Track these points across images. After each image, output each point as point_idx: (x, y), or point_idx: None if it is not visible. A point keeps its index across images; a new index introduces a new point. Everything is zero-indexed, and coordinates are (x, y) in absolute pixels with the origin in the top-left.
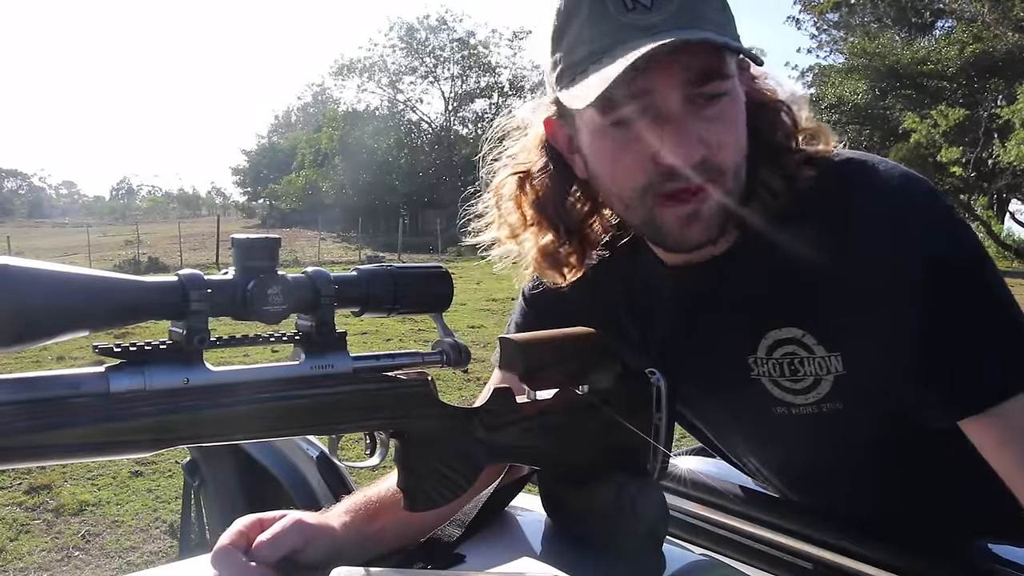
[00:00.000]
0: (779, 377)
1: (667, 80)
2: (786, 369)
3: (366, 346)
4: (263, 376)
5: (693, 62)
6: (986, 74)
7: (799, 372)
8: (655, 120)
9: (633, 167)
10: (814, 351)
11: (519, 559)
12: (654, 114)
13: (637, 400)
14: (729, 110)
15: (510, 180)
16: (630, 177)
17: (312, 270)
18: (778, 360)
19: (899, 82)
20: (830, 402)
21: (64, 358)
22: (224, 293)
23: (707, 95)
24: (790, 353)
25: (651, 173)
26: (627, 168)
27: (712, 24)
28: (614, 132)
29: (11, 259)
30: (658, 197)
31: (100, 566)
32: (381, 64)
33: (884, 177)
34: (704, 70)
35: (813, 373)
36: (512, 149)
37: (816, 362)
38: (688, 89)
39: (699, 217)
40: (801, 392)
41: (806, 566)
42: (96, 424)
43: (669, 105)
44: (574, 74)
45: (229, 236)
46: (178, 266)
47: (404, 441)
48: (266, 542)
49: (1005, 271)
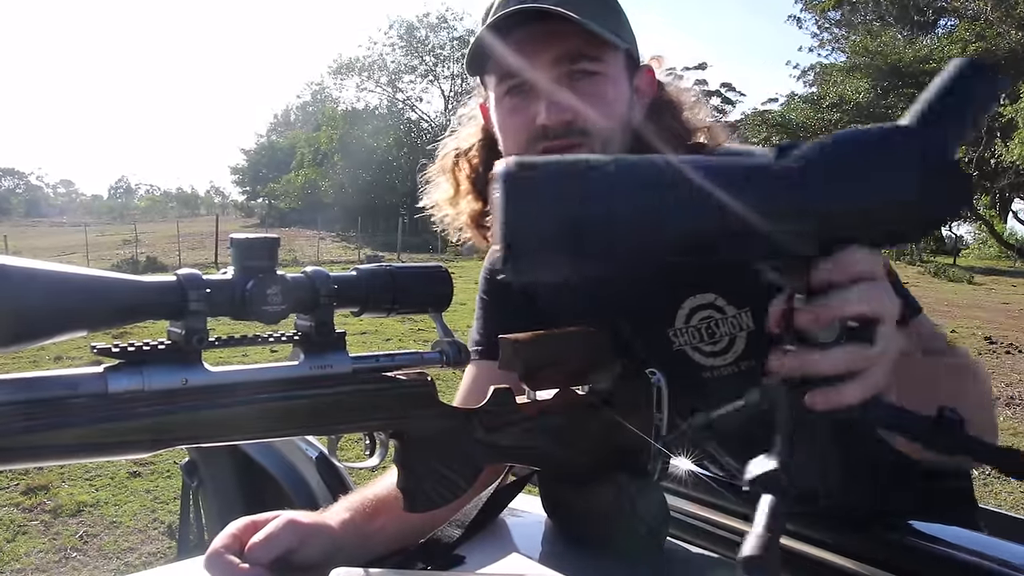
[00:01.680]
0: (699, 343)
1: (543, 56)
2: (704, 334)
3: (366, 346)
4: (262, 376)
5: (563, 43)
6: None
7: (716, 334)
8: (533, 88)
9: (519, 127)
10: (726, 311)
11: (519, 560)
12: (534, 84)
13: (637, 400)
14: (600, 87)
15: (450, 155)
16: (517, 134)
17: (311, 270)
18: (696, 326)
19: (901, 80)
20: (746, 360)
21: (62, 358)
22: (223, 293)
23: (578, 72)
24: (706, 317)
25: (531, 131)
26: (515, 127)
27: (586, 14)
28: (507, 100)
29: (9, 259)
30: (539, 153)
31: (98, 567)
32: (380, 63)
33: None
34: (575, 52)
35: (728, 333)
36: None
37: (729, 322)
38: (563, 66)
39: None
40: (720, 353)
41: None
42: (94, 425)
43: (544, 76)
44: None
45: (228, 236)
46: (176, 266)
47: (404, 441)
48: (259, 544)
49: (1008, 270)
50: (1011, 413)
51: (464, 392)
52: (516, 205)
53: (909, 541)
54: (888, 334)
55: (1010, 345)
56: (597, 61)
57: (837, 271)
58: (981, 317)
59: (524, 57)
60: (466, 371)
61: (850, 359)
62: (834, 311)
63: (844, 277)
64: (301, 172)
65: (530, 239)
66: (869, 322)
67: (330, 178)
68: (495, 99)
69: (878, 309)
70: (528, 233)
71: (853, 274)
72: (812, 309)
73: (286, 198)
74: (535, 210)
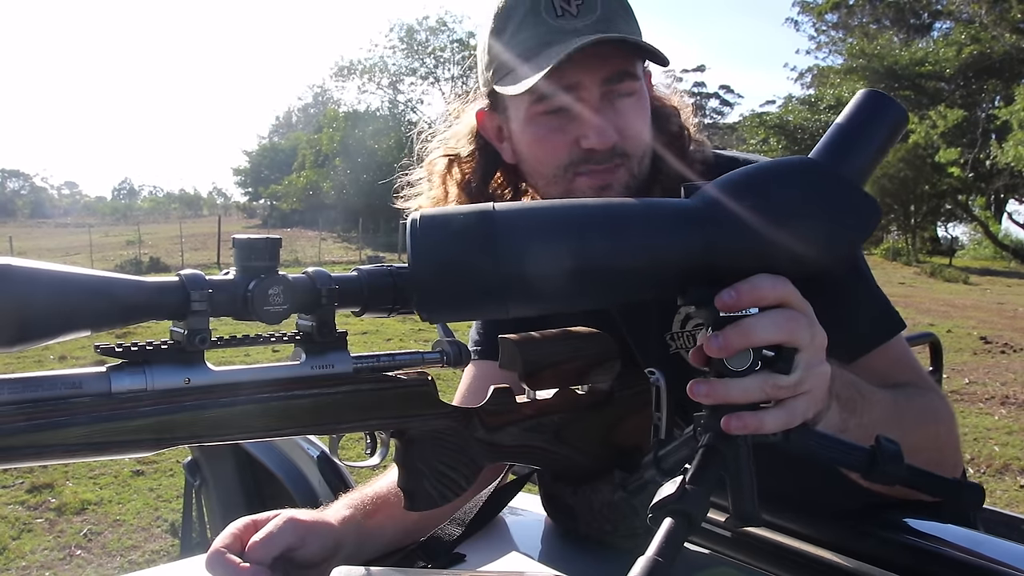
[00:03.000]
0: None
1: (590, 77)
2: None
3: (366, 346)
4: (264, 376)
5: (609, 63)
6: (984, 75)
7: None
8: (579, 110)
9: (559, 148)
10: None
11: (519, 558)
12: (578, 105)
13: (637, 400)
14: (638, 106)
15: (440, 160)
16: (555, 156)
17: (313, 270)
18: (691, 332)
19: (897, 83)
20: None
21: (66, 358)
22: (225, 293)
23: (621, 92)
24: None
25: (573, 153)
26: (553, 148)
27: (628, 27)
28: (544, 119)
29: (13, 259)
30: (579, 175)
31: (102, 565)
32: (381, 65)
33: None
34: (618, 71)
35: None
36: (445, 133)
37: None
38: (606, 86)
39: (610, 189)
40: None
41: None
42: (97, 424)
43: (591, 98)
44: (509, 69)
45: (230, 236)
46: (179, 266)
47: (404, 441)
48: (259, 542)
49: (1003, 271)
50: (1006, 412)
51: (464, 391)
52: (423, 255)
53: (907, 539)
54: (808, 362)
55: (1005, 345)
56: (635, 79)
57: (740, 299)
58: (976, 317)
59: (570, 79)
60: (466, 371)
61: (762, 388)
62: (738, 339)
63: (748, 305)
64: (303, 173)
65: (438, 289)
66: (785, 350)
67: (331, 179)
68: (525, 117)
69: (791, 337)
70: (435, 283)
71: (756, 299)
72: (719, 336)
73: (288, 199)
74: (442, 261)
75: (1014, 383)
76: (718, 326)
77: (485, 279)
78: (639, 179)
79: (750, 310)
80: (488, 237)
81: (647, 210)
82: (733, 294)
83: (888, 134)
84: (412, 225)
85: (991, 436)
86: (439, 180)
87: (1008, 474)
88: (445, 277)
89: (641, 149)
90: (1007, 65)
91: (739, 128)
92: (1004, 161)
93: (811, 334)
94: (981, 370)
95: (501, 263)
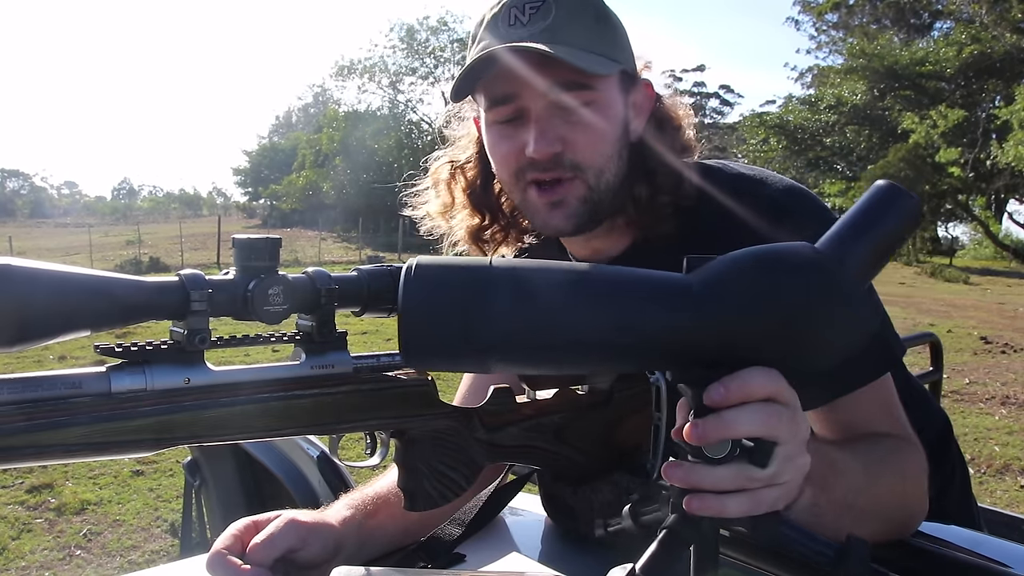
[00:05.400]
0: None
1: (536, 85)
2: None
3: (366, 346)
4: (264, 376)
5: (556, 73)
6: (984, 75)
7: None
8: (524, 119)
9: (508, 156)
10: None
11: (518, 559)
12: (524, 114)
13: (637, 400)
14: (593, 117)
15: (444, 167)
16: (506, 164)
17: (313, 270)
18: None
19: (898, 83)
20: None
21: (66, 358)
22: (225, 293)
23: (573, 102)
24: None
25: (520, 161)
26: (503, 156)
27: (577, 44)
28: (497, 127)
29: (13, 259)
30: (529, 184)
31: (101, 565)
32: (381, 65)
33: (771, 187)
34: (567, 82)
35: None
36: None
37: None
38: (554, 95)
39: (564, 205)
40: None
41: None
42: (97, 423)
43: (535, 107)
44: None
45: (230, 236)
46: (179, 266)
47: (404, 441)
48: (260, 544)
49: (1003, 271)
50: (1006, 412)
51: (464, 391)
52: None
53: (908, 539)
54: (786, 455)
55: (1005, 345)
56: (589, 89)
57: (729, 397)
58: (977, 317)
59: (515, 86)
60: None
61: (735, 478)
62: (720, 431)
63: (736, 398)
64: (303, 173)
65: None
66: (765, 443)
67: (331, 179)
68: (485, 123)
69: (771, 433)
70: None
71: (745, 395)
72: (700, 425)
73: (288, 199)
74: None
75: (1014, 383)
76: (699, 413)
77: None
78: (600, 192)
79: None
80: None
81: (645, 284)
82: (722, 391)
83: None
84: (407, 272)
85: (991, 436)
86: (445, 187)
87: (1008, 474)
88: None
89: (599, 161)
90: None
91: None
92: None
93: (793, 430)
94: (981, 370)
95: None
